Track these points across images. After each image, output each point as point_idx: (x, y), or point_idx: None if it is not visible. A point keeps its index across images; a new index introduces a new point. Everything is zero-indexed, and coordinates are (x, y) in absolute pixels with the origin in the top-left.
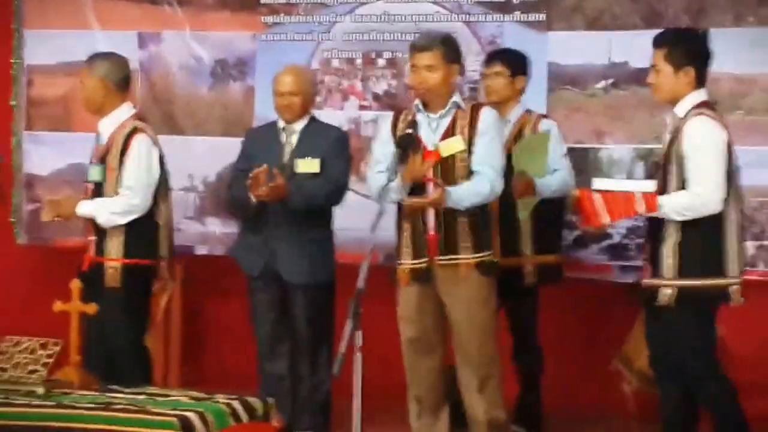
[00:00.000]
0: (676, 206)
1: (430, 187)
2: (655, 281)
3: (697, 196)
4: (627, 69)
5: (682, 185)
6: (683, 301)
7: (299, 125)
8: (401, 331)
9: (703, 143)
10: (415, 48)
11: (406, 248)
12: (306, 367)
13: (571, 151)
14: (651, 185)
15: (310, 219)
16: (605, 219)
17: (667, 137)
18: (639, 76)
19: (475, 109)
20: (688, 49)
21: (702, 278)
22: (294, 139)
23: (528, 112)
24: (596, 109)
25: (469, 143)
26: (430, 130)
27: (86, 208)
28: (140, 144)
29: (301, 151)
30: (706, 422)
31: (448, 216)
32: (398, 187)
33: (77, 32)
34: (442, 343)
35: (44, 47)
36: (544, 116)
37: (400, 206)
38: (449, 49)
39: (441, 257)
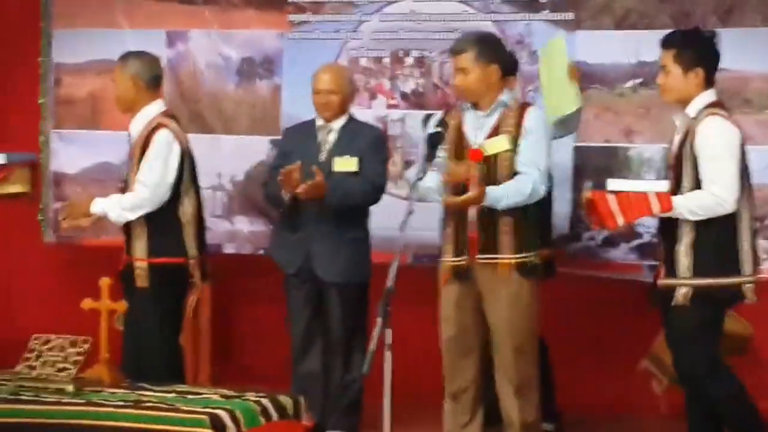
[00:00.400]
0: (692, 206)
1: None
2: (671, 281)
3: (714, 197)
4: (656, 68)
5: (696, 185)
6: (698, 300)
7: (337, 123)
8: (441, 330)
9: (718, 143)
10: (451, 51)
11: (448, 246)
12: (339, 366)
13: (601, 150)
14: (665, 185)
15: (348, 218)
16: (620, 220)
17: (677, 138)
18: None
19: (522, 108)
20: (697, 51)
21: (717, 277)
22: (332, 137)
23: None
24: (625, 109)
25: (515, 143)
26: (475, 128)
27: (99, 206)
28: (159, 139)
29: (338, 150)
30: None
31: (490, 215)
32: (438, 187)
33: (105, 31)
34: (480, 343)
35: (72, 46)
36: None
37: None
38: (484, 48)
39: (480, 256)
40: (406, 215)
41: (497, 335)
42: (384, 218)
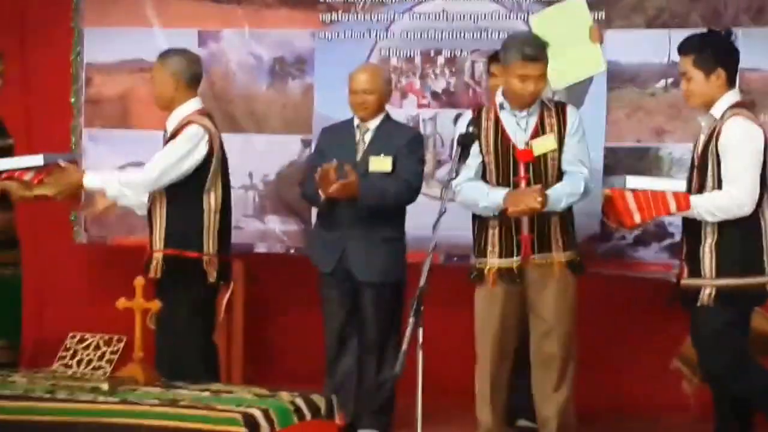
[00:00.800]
0: (710, 207)
1: (522, 184)
2: (695, 281)
3: (733, 198)
4: None
5: (719, 185)
6: (723, 300)
7: (374, 123)
8: (482, 328)
9: (740, 144)
10: (530, 57)
11: (492, 248)
12: (372, 365)
13: (632, 150)
14: (683, 185)
15: (383, 218)
16: (637, 218)
17: (702, 138)
18: None
19: (560, 107)
20: (715, 52)
21: (741, 277)
22: (368, 136)
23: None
24: (656, 108)
25: (560, 142)
26: (519, 128)
27: (95, 180)
28: (186, 132)
29: (374, 149)
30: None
31: (542, 215)
32: (492, 205)
33: (137, 30)
34: (515, 346)
35: (103, 45)
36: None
37: None
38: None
39: (536, 256)
40: (439, 215)
41: (546, 331)
42: (416, 218)
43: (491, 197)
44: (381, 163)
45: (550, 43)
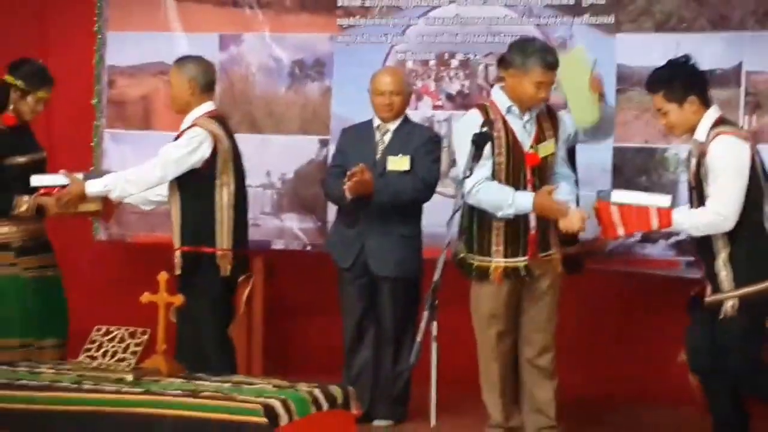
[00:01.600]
0: (696, 223)
1: (528, 187)
2: (718, 296)
3: (718, 215)
4: None
5: None
6: (744, 308)
7: (393, 124)
8: (487, 326)
9: (723, 162)
10: (551, 65)
11: (497, 247)
12: (389, 357)
13: (639, 151)
14: (667, 201)
15: (401, 215)
16: (620, 231)
17: (693, 161)
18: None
19: (551, 111)
20: (683, 81)
21: (757, 283)
22: (387, 137)
23: None
24: None
25: (555, 145)
26: (525, 132)
27: (98, 185)
28: (189, 132)
29: (393, 150)
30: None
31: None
32: (517, 211)
33: (159, 34)
34: (515, 337)
35: (126, 48)
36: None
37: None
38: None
39: (542, 254)
40: (453, 212)
41: (537, 324)
42: (431, 215)
43: (518, 203)
44: (399, 163)
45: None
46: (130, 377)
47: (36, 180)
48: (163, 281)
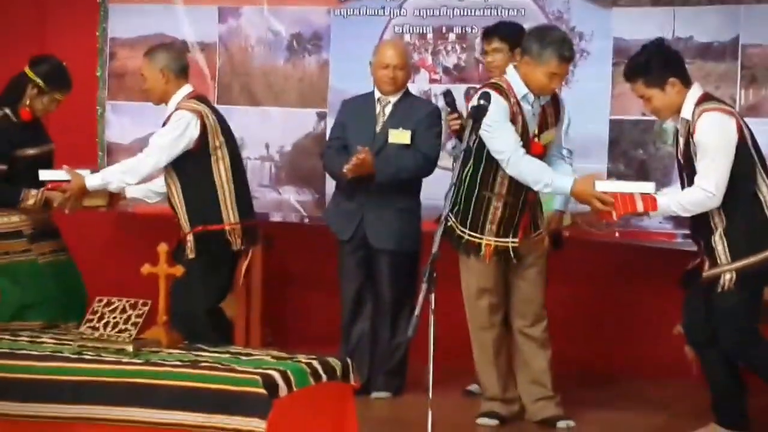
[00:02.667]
0: (683, 204)
1: None
2: (715, 270)
3: (705, 191)
4: (692, 43)
5: None
6: (741, 281)
7: (394, 97)
8: (477, 299)
9: (710, 139)
10: (568, 59)
11: (491, 225)
12: (386, 330)
13: (638, 123)
14: (651, 187)
15: (400, 189)
16: (614, 214)
17: (681, 141)
18: (703, 51)
19: (556, 98)
20: (659, 65)
21: (752, 255)
22: (388, 110)
23: None
24: None
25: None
26: (533, 119)
27: (97, 179)
28: (174, 116)
29: (394, 122)
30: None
31: (534, 197)
32: (556, 191)
33: (159, 6)
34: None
35: (127, 21)
36: None
37: (475, 180)
38: None
39: (533, 234)
40: (450, 185)
41: (527, 297)
42: (430, 188)
43: (556, 185)
44: (400, 136)
45: None
46: (130, 348)
47: (43, 175)
48: (163, 253)
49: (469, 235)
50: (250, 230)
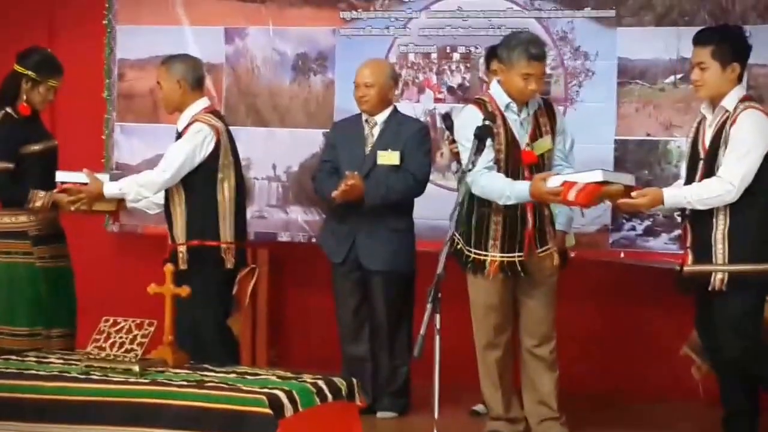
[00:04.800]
0: (702, 194)
1: (526, 172)
2: (704, 267)
3: (727, 184)
4: None
5: None
6: (736, 286)
7: (381, 117)
8: (484, 317)
9: (749, 136)
10: (537, 57)
11: (494, 242)
12: (384, 351)
13: (642, 143)
14: (599, 174)
15: (392, 210)
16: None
17: (711, 130)
18: None
19: (549, 106)
20: (733, 46)
21: (754, 263)
22: (376, 130)
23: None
24: (665, 103)
25: (554, 141)
26: (522, 129)
27: (114, 187)
28: (191, 129)
29: (382, 143)
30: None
31: (541, 210)
32: (516, 198)
33: (166, 28)
34: (512, 330)
35: (135, 42)
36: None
37: (473, 197)
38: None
39: (539, 249)
40: (455, 206)
41: (537, 317)
42: (430, 208)
43: (515, 192)
44: (389, 158)
45: None
46: (136, 368)
47: (60, 176)
48: (169, 273)
49: (475, 253)
50: (242, 252)
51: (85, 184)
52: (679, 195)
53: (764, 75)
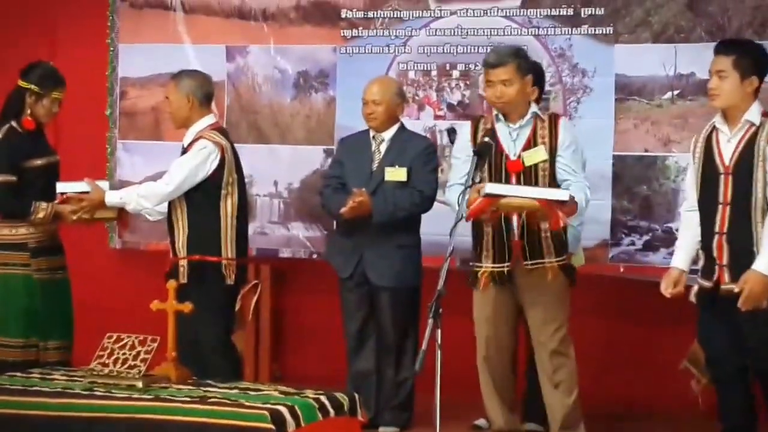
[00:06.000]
0: None
1: (513, 179)
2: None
3: None
4: (693, 80)
5: None
6: None
7: (388, 134)
8: (478, 330)
9: None
10: (489, 64)
11: (487, 253)
12: (390, 366)
13: (639, 159)
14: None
15: (399, 225)
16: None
17: (732, 143)
18: (705, 87)
19: (553, 119)
20: (755, 60)
21: None
22: (383, 147)
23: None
24: (663, 119)
25: (552, 153)
26: (510, 139)
27: (115, 196)
28: (197, 145)
29: (389, 160)
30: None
31: (529, 222)
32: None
33: (168, 46)
34: (513, 344)
35: (136, 60)
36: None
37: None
38: (522, 61)
39: (527, 262)
40: (456, 222)
41: (540, 335)
42: (433, 224)
43: (462, 206)
44: (396, 174)
45: None
46: (140, 384)
47: (61, 187)
48: (172, 289)
49: (475, 266)
50: (244, 268)
51: (86, 192)
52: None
53: (761, 90)
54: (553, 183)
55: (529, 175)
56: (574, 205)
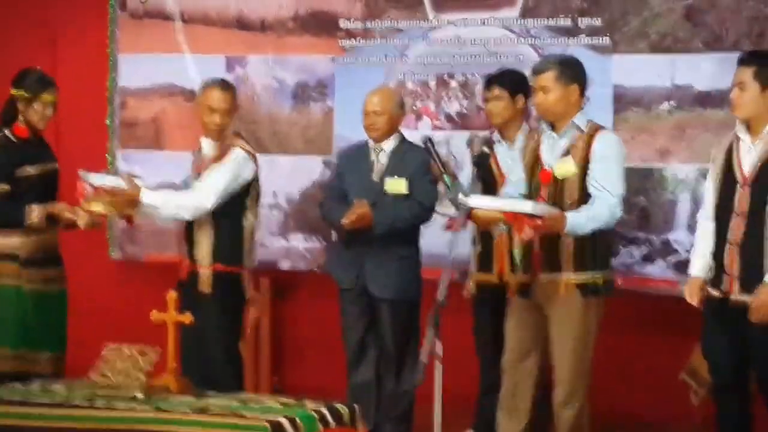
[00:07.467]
0: None
1: (542, 191)
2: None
3: None
4: (691, 91)
5: None
6: None
7: (388, 145)
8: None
9: None
10: (532, 70)
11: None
12: (390, 378)
13: (637, 171)
14: (528, 206)
15: (399, 237)
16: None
17: (752, 155)
18: (703, 98)
19: (592, 132)
20: None
21: None
22: (383, 158)
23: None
24: (660, 130)
25: (584, 166)
26: (550, 149)
27: (150, 197)
28: (236, 154)
29: (389, 171)
30: None
31: (552, 234)
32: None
33: (168, 56)
34: (536, 352)
35: (136, 70)
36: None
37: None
38: (566, 69)
39: (544, 274)
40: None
41: (554, 349)
42: (431, 236)
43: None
44: (396, 185)
45: None
46: (140, 395)
47: (92, 178)
48: (172, 300)
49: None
50: (255, 277)
51: (119, 187)
52: None
53: None
54: (583, 197)
55: (556, 188)
56: (552, 221)
